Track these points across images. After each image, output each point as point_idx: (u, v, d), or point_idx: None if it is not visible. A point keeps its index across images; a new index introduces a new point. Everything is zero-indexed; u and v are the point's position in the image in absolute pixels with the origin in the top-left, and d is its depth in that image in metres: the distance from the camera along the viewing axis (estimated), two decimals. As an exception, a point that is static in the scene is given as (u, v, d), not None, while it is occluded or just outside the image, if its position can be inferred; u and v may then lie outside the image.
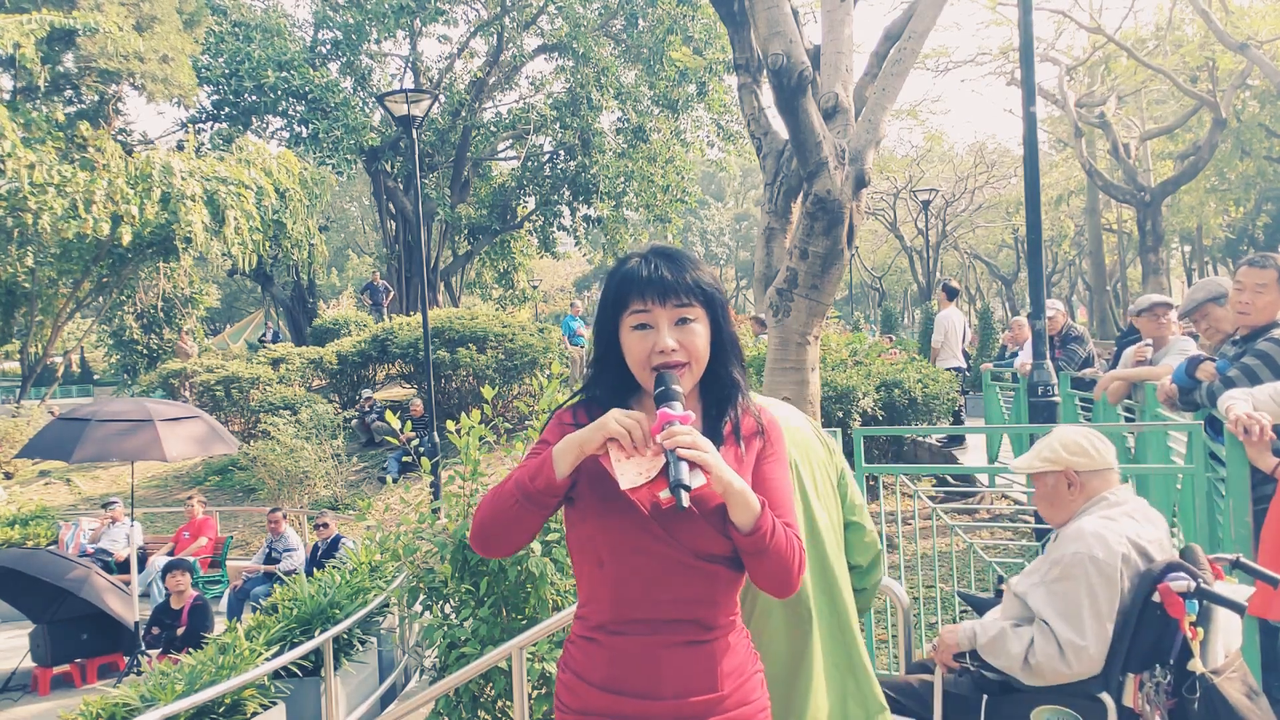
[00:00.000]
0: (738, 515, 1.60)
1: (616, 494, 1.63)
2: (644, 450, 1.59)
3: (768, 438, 1.77)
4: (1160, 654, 2.51)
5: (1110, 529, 2.62)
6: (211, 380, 16.95)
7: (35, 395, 23.33)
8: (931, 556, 6.23)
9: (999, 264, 42.63)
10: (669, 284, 1.66)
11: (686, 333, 1.67)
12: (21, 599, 8.41)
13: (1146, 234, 23.31)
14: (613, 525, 1.66)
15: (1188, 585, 2.44)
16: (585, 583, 1.76)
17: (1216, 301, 4.48)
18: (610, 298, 1.73)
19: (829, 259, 7.01)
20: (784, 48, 6.42)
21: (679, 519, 1.62)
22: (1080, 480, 2.78)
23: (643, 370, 1.68)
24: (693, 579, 1.67)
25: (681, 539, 1.65)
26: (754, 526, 1.60)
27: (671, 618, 1.67)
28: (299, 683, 5.89)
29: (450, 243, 27.24)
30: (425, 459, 5.15)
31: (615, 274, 1.74)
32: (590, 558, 1.72)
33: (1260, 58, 19.02)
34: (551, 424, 1.79)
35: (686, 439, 1.53)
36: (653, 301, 1.66)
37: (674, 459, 1.52)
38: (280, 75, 22.10)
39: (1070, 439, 2.82)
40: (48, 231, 17.03)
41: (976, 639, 2.73)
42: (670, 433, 1.54)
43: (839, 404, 8.54)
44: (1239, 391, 3.50)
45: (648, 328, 1.67)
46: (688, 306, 1.68)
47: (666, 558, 1.65)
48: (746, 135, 14.55)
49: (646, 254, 1.73)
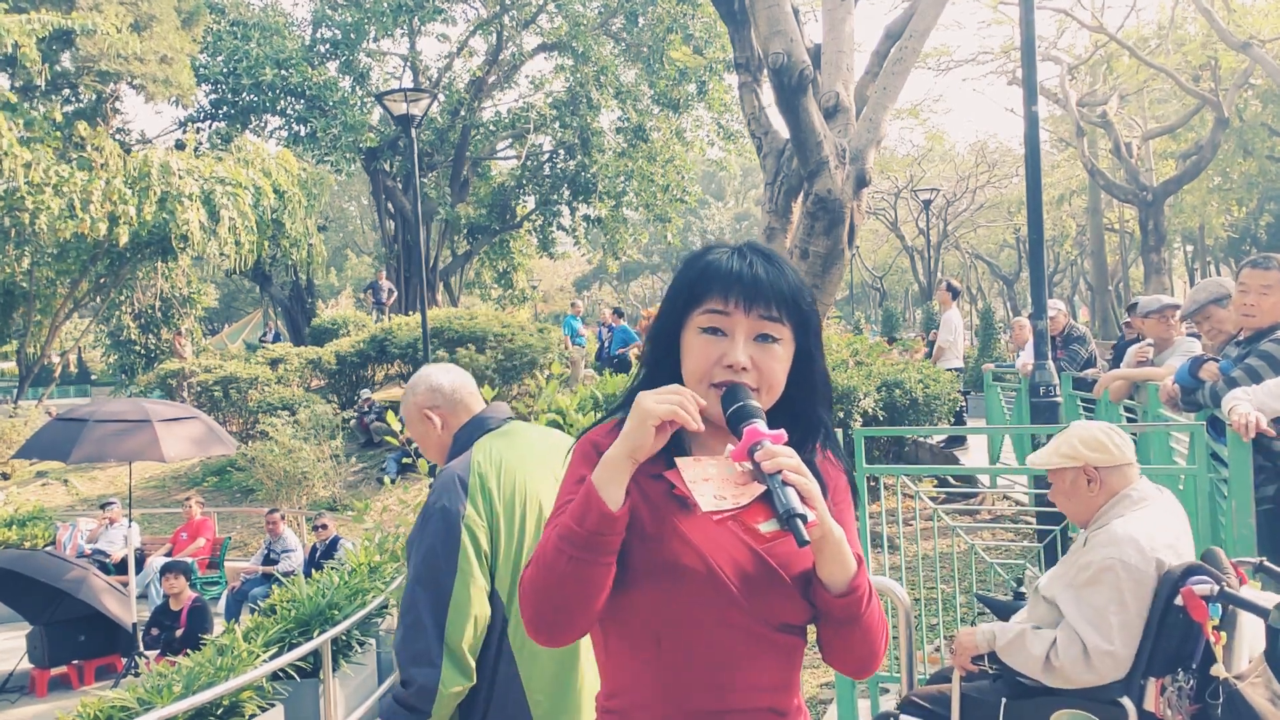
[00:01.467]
0: (832, 572, 1.29)
1: (681, 540, 1.30)
2: (712, 446, 1.35)
3: (838, 483, 1.46)
4: (1183, 659, 2.48)
5: (1143, 531, 2.58)
6: (210, 380, 16.93)
7: (33, 395, 23.31)
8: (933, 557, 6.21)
9: (1000, 264, 42.62)
10: (762, 285, 1.34)
11: (765, 353, 1.34)
12: (19, 600, 8.39)
13: (1148, 234, 23.28)
14: (681, 590, 1.30)
15: (1210, 589, 2.41)
16: (620, 666, 1.37)
17: (1219, 303, 4.45)
18: (683, 290, 1.38)
19: (830, 258, 6.99)
20: (785, 46, 6.39)
21: (758, 581, 1.30)
22: (1100, 476, 2.73)
23: (700, 384, 1.34)
24: (769, 657, 1.34)
25: (763, 605, 1.31)
26: (849, 587, 1.30)
27: (741, 708, 1.33)
28: (297, 684, 5.86)
29: (449, 242, 27.21)
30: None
31: (695, 262, 1.40)
32: (637, 634, 1.34)
33: (1263, 56, 18.99)
34: (578, 453, 1.41)
35: (791, 461, 1.23)
36: (736, 302, 1.33)
37: (778, 484, 1.22)
38: (278, 74, 22.08)
39: (1089, 434, 2.78)
40: (45, 231, 16.99)
41: (995, 641, 2.70)
42: (769, 452, 1.24)
43: (840, 404, 8.50)
44: (1241, 391, 3.48)
45: (720, 334, 1.34)
46: (775, 322, 1.35)
47: (744, 631, 1.31)
48: (747, 134, 14.52)
49: (740, 246, 1.40)
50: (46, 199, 16.46)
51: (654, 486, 1.34)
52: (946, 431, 9.59)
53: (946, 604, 4.41)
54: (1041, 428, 6.08)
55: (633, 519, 1.29)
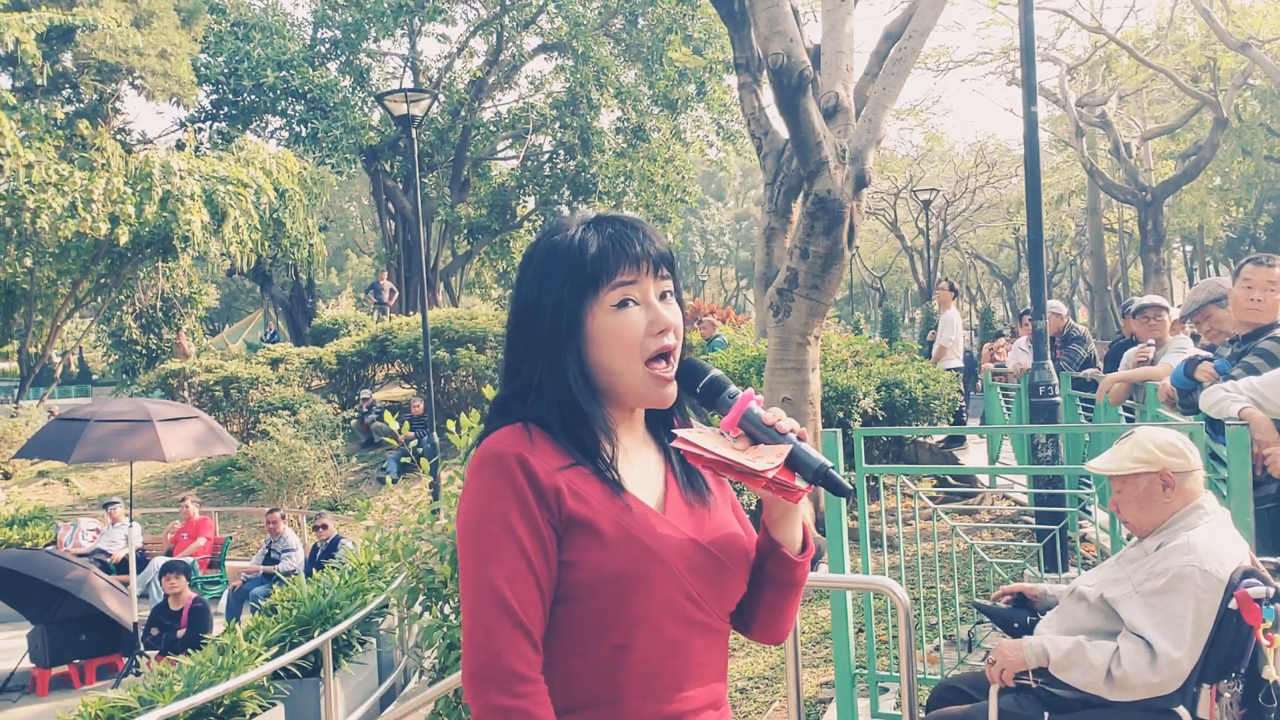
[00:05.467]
0: (792, 531, 1.29)
1: (631, 541, 1.22)
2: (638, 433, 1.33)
3: None
4: (1232, 663, 2.44)
5: (1220, 543, 2.52)
6: (210, 380, 16.94)
7: (34, 395, 23.28)
8: (932, 557, 6.22)
9: (1000, 264, 42.61)
10: (651, 244, 1.29)
11: (672, 309, 1.30)
12: (20, 599, 8.39)
13: (1148, 234, 23.28)
14: (639, 594, 1.22)
15: (1265, 591, 2.38)
16: (578, 674, 1.24)
17: (1218, 303, 4.46)
18: (572, 278, 1.27)
19: (829, 259, 7.00)
20: (784, 47, 6.41)
21: (710, 574, 1.27)
22: (1176, 482, 2.62)
23: (633, 362, 1.26)
24: (717, 649, 1.31)
25: (715, 597, 1.28)
26: (803, 543, 1.31)
27: (696, 708, 1.28)
28: (298, 684, 5.88)
29: (450, 242, 27.23)
30: (424, 459, 5.14)
31: (568, 248, 1.28)
32: (599, 638, 1.23)
33: (1262, 57, 19.00)
34: (489, 470, 1.22)
35: (794, 420, 1.25)
36: (645, 267, 1.27)
37: (799, 444, 1.22)
38: (279, 74, 22.10)
39: (1164, 439, 2.66)
40: (46, 231, 17.01)
41: (1048, 655, 2.57)
42: (775, 414, 1.25)
43: (839, 404, 8.52)
44: (1230, 384, 3.51)
45: (632, 304, 1.27)
46: (669, 278, 1.31)
47: (701, 626, 1.28)
48: (746, 135, 14.53)
49: (591, 220, 1.32)
50: (48, 198, 16.48)
51: (590, 489, 1.24)
52: (946, 431, 9.60)
53: (946, 604, 4.42)
54: (1041, 428, 6.10)
55: (588, 527, 1.22)
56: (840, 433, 3.93)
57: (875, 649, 4.14)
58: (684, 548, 1.26)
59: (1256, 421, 3.36)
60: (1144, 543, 2.70)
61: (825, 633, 5.09)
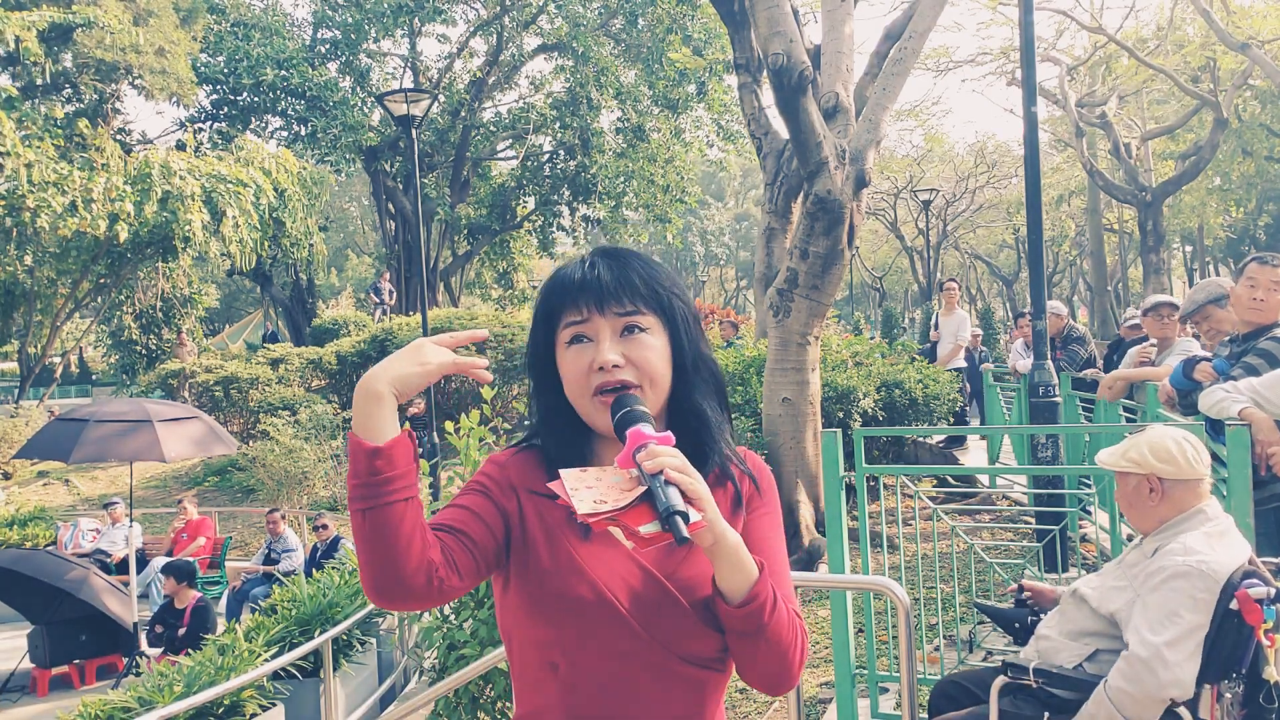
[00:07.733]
0: (730, 579, 1.22)
1: (575, 570, 1.27)
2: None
3: (759, 485, 1.40)
4: (1233, 664, 2.44)
5: (1220, 545, 2.52)
6: (210, 380, 16.95)
7: (34, 395, 23.29)
8: (932, 557, 6.22)
9: (1000, 264, 42.64)
10: (607, 285, 1.30)
11: (635, 344, 1.30)
12: (20, 600, 8.39)
13: (1148, 234, 23.30)
14: (576, 623, 1.26)
15: (1266, 592, 2.38)
16: (528, 688, 1.33)
17: (1217, 303, 4.46)
18: (541, 315, 1.36)
19: (829, 259, 7.00)
20: (784, 47, 6.41)
21: (657, 609, 1.26)
22: (1162, 489, 2.62)
23: (582, 397, 1.31)
24: (677, 690, 1.28)
25: (663, 634, 1.27)
26: (748, 595, 1.22)
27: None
28: (298, 684, 5.88)
29: (449, 243, 27.23)
30: (424, 460, 5.14)
31: (546, 285, 1.38)
32: (536, 665, 1.30)
33: (1262, 57, 19.01)
34: (480, 469, 1.39)
35: (674, 460, 1.17)
36: (588, 307, 1.30)
37: (660, 484, 1.16)
38: (279, 74, 22.10)
39: (1159, 443, 2.65)
40: (46, 230, 17.01)
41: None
42: (651, 452, 1.18)
43: (839, 404, 8.52)
44: (1231, 385, 3.51)
45: (585, 340, 1.31)
46: (635, 314, 1.31)
47: (643, 662, 1.26)
48: (746, 135, 14.54)
49: (587, 255, 1.38)
50: (48, 198, 16.48)
51: (553, 513, 1.30)
52: (946, 431, 9.60)
53: (946, 604, 4.42)
54: (1041, 428, 6.10)
55: (529, 550, 1.28)
56: (840, 433, 3.93)
57: (875, 649, 4.15)
58: (632, 579, 1.28)
59: (1258, 422, 3.36)
60: (1143, 545, 2.71)
61: (825, 633, 5.09)
